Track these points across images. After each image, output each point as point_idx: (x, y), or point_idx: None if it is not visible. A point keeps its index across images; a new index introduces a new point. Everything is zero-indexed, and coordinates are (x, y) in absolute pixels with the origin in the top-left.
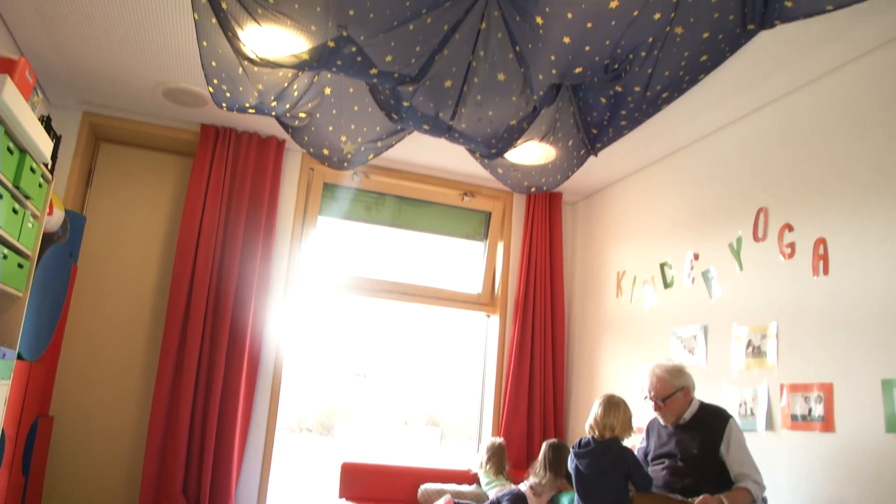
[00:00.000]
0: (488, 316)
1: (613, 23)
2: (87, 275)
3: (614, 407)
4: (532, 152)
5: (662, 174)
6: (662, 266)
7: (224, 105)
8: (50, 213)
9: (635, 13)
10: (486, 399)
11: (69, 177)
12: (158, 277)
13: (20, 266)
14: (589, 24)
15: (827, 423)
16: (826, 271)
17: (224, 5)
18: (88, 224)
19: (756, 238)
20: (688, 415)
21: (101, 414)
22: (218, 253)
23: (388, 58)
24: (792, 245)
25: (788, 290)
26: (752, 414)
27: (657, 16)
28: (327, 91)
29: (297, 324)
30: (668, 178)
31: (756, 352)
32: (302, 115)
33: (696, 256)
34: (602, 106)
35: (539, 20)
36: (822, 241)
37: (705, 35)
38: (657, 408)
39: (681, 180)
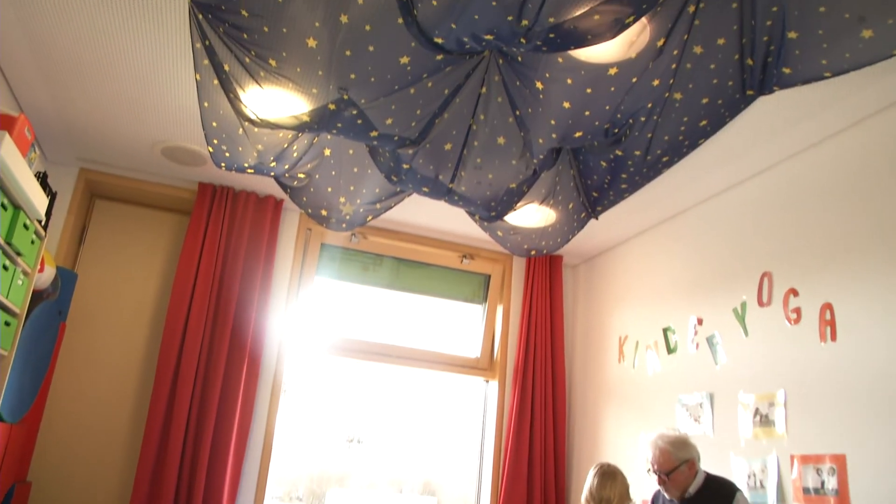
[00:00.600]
0: (487, 381)
1: (612, 88)
2: (75, 333)
3: (610, 478)
4: (532, 215)
5: (664, 237)
6: (665, 331)
7: (223, 165)
8: (41, 269)
9: (634, 80)
10: (484, 467)
11: (62, 233)
12: (149, 337)
13: (7, 324)
14: (588, 90)
15: (842, 497)
16: (833, 337)
17: (226, 67)
18: (80, 281)
19: (761, 303)
20: (693, 488)
21: (82, 480)
22: (211, 314)
23: (389, 121)
24: (798, 310)
25: (795, 357)
26: (762, 486)
27: (656, 82)
28: (327, 152)
29: (291, 387)
30: (670, 241)
31: (764, 420)
32: (301, 175)
33: (700, 321)
34: (602, 169)
35: (539, 85)
36: (828, 307)
37: (704, 101)
38: (661, 482)
39: (683, 243)
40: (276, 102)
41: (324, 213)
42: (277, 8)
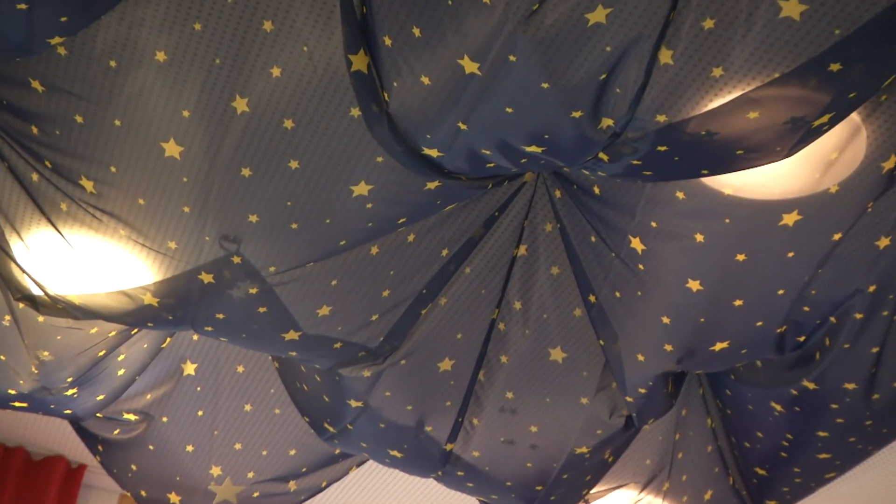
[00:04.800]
0: None
1: (791, 254)
2: None
3: None
4: None
5: None
6: None
7: None
8: None
9: (836, 236)
10: None
11: None
12: None
13: None
14: (740, 257)
15: None
16: None
17: None
18: None
19: None
20: None
21: None
22: None
23: (325, 310)
24: None
25: None
26: None
27: (884, 242)
28: (189, 370)
29: None
30: None
31: None
32: (131, 417)
33: None
34: (774, 421)
35: (637, 244)
36: None
37: None
38: None
39: None
40: (88, 265)
41: (174, 498)
42: (106, 76)
